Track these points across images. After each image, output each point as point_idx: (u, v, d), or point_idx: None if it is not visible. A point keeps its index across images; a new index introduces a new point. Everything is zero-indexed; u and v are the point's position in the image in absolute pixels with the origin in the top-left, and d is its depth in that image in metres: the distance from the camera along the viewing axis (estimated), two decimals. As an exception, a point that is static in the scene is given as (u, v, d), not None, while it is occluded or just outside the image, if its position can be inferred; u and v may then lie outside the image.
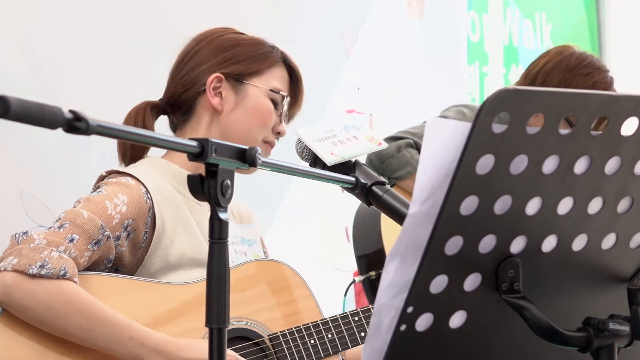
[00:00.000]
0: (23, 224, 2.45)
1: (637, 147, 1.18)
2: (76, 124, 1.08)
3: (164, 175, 2.00)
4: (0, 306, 1.80)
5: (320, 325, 2.01)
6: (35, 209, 2.48)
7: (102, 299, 1.83)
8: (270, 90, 2.06)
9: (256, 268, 2.02)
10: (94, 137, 1.12)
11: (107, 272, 1.91)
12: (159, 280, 1.92)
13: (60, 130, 1.08)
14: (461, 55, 4.39)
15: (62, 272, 1.78)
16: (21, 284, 1.76)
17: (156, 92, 2.02)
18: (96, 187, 1.97)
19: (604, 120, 1.16)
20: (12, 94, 1.03)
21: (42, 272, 1.76)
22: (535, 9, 4.94)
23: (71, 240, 1.82)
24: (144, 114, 2.05)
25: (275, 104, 2.07)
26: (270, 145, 2.09)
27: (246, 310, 1.98)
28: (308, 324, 2.01)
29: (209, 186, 1.25)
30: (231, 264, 1.99)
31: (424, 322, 1.14)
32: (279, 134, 2.09)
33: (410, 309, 1.12)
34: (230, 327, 1.93)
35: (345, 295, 3.07)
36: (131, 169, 2.00)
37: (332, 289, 2.07)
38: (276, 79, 2.09)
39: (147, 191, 1.94)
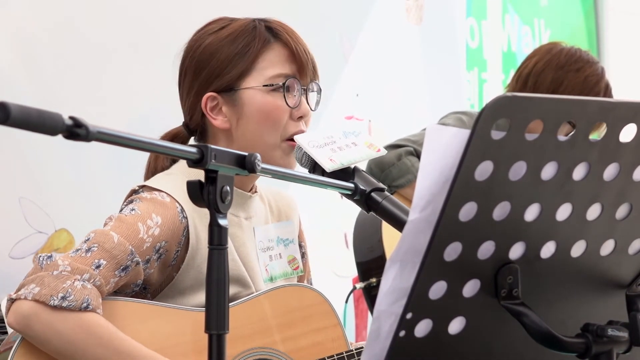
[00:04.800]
0: (22, 229, 2.45)
1: (635, 153, 1.18)
2: (76, 131, 1.08)
3: None
4: (18, 333, 1.75)
5: (346, 357, 1.95)
6: (34, 214, 2.47)
7: (126, 327, 1.78)
8: (265, 85, 1.89)
9: (285, 294, 1.95)
10: (93, 143, 1.12)
11: (135, 293, 1.86)
12: (187, 307, 1.85)
13: (60, 137, 1.08)
14: (460, 61, 4.39)
15: (85, 304, 1.72)
16: (41, 315, 1.71)
17: (155, 98, 2.01)
18: (129, 202, 1.87)
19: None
20: (12, 101, 1.03)
21: (64, 304, 1.71)
22: (534, 15, 4.94)
23: (97, 267, 1.75)
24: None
25: (279, 92, 1.89)
26: (294, 142, 1.87)
27: (271, 339, 1.92)
28: (333, 355, 1.95)
29: (209, 192, 1.25)
30: (265, 275, 1.98)
31: (423, 328, 1.14)
32: (301, 117, 1.91)
33: (409, 315, 1.12)
34: (253, 358, 1.89)
35: (346, 302, 3.06)
36: (163, 182, 1.89)
37: (331, 295, 2.05)
38: (268, 65, 1.90)
39: (183, 209, 1.85)
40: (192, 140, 2.00)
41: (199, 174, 1.86)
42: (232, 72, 1.90)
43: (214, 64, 1.90)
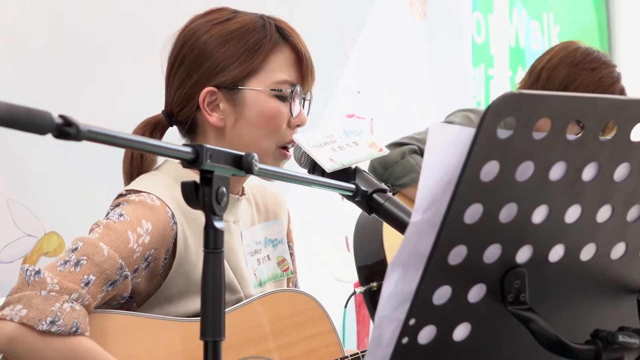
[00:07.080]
0: (10, 233, 2.43)
1: (647, 153, 1.17)
2: (66, 130, 1.05)
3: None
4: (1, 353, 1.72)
5: None
6: (22, 217, 2.46)
7: (115, 340, 1.75)
8: (272, 89, 1.85)
9: (277, 300, 1.92)
10: (85, 143, 1.09)
11: (122, 304, 1.83)
12: (176, 318, 1.82)
13: (49, 136, 1.05)
14: (466, 57, 4.37)
15: (74, 328, 1.68)
16: (28, 340, 1.67)
17: (148, 96, 1.97)
18: (116, 205, 1.82)
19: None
20: (2, 99, 1.01)
21: (53, 329, 1.67)
22: (543, 9, 4.90)
23: (87, 284, 1.71)
24: (146, 134, 1.87)
25: (283, 98, 1.86)
26: (287, 150, 1.88)
27: (264, 347, 1.88)
28: None
29: (204, 194, 1.21)
30: (254, 281, 1.96)
31: (426, 334, 1.12)
32: (298, 126, 1.88)
33: (412, 321, 1.10)
34: None
35: (345, 307, 3.04)
36: (152, 184, 1.84)
37: (331, 300, 2.03)
38: (277, 68, 1.86)
39: (173, 215, 1.80)
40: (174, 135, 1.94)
41: (186, 176, 1.84)
42: (238, 69, 1.85)
43: (220, 57, 1.85)
